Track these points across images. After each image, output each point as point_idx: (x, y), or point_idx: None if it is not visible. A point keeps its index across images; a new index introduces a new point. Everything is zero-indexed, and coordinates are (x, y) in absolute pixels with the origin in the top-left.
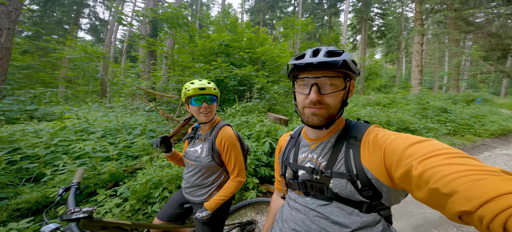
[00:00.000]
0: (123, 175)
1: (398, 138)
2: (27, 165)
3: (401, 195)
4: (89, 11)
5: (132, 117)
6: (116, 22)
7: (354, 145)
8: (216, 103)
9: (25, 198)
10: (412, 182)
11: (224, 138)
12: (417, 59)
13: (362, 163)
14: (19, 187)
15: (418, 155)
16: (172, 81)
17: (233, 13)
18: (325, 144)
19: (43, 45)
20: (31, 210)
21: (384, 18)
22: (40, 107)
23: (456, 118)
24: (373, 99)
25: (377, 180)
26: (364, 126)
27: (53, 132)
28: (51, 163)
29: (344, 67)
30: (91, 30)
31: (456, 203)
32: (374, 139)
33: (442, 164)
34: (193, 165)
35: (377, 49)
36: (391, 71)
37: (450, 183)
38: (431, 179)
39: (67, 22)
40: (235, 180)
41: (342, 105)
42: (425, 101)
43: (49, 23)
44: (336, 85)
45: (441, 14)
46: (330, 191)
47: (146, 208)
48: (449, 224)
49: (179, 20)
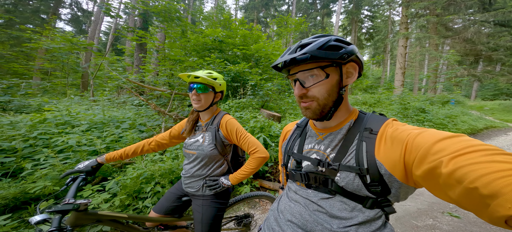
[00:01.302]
0: (111, 169)
1: (425, 132)
2: (2, 159)
3: (410, 192)
4: (71, 1)
5: (120, 111)
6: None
7: (369, 138)
8: (214, 94)
9: (2, 194)
10: (441, 180)
11: (228, 123)
12: (400, 61)
13: (375, 157)
14: None
15: (450, 150)
16: (163, 75)
17: (227, 9)
18: (335, 135)
19: (16, 34)
20: (8, 207)
21: (373, 20)
22: (15, 99)
23: (433, 117)
24: (360, 99)
25: (390, 175)
26: (380, 118)
27: (31, 124)
28: (31, 157)
29: (314, 59)
30: (72, 20)
31: (502, 207)
32: (393, 133)
33: (480, 162)
34: (195, 154)
35: (365, 51)
36: (377, 72)
37: (491, 183)
38: (466, 178)
39: (45, 11)
40: (254, 157)
41: (338, 93)
42: (406, 102)
43: (24, 12)
44: (317, 75)
45: (424, 19)
46: (335, 184)
47: (137, 203)
48: (426, 215)
49: (172, 14)
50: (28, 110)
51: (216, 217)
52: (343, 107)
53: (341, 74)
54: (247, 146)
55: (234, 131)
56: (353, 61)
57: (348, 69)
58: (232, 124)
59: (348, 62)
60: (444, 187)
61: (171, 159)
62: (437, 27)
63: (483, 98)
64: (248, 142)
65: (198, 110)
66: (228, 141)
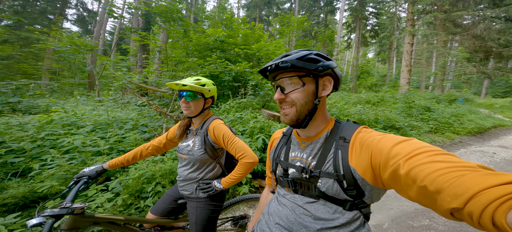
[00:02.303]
0: (115, 169)
1: (384, 138)
2: (12, 159)
3: (381, 193)
4: (77, 2)
5: (123, 111)
6: (107, 14)
7: (342, 146)
8: (203, 100)
9: (12, 193)
10: (401, 181)
11: (215, 128)
12: (406, 59)
13: (349, 163)
14: (5, 182)
15: (403, 154)
16: (166, 76)
17: (229, 8)
18: (315, 144)
19: (25, 35)
20: (18, 205)
21: (378, 17)
22: (24, 100)
23: (438, 116)
24: (364, 97)
25: (362, 180)
26: (352, 126)
27: (39, 125)
28: (38, 158)
29: (294, 68)
30: (78, 21)
31: (444, 201)
32: (361, 140)
33: (425, 162)
34: (186, 158)
35: (370, 48)
36: (382, 70)
37: (435, 180)
38: (417, 177)
39: (52, 12)
40: (242, 163)
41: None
42: (411, 100)
43: (32, 13)
44: (295, 83)
45: (431, 15)
46: (318, 190)
47: (139, 203)
48: (422, 216)
49: (173, 14)
50: (37, 111)
51: (210, 219)
52: (320, 117)
53: (317, 86)
54: (234, 151)
55: (221, 136)
56: (329, 75)
57: (324, 82)
58: (219, 129)
59: (324, 76)
60: (404, 187)
61: (172, 160)
62: (445, 24)
63: (494, 95)
64: (236, 147)
65: (189, 117)
66: (217, 145)
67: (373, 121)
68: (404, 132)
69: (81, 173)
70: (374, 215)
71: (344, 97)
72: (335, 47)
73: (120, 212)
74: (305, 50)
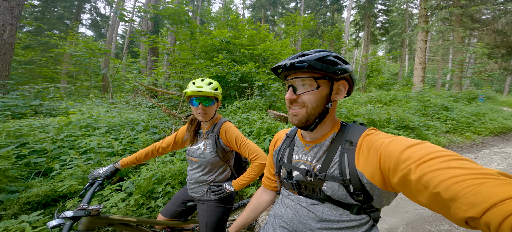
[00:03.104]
0: (128, 170)
1: (394, 141)
2: (35, 159)
3: (392, 197)
4: (90, 7)
5: (135, 113)
6: (118, 18)
7: (349, 149)
8: (216, 104)
9: (35, 192)
10: (412, 186)
11: (227, 131)
12: (420, 56)
13: (356, 167)
14: (29, 181)
15: (414, 158)
16: (174, 78)
17: (234, 9)
18: (320, 147)
19: (45, 40)
20: (41, 203)
21: (387, 14)
22: (45, 103)
23: (456, 115)
24: (374, 96)
25: (371, 184)
26: (359, 129)
27: (59, 127)
28: (58, 158)
29: (310, 69)
30: (92, 25)
31: (460, 209)
32: (369, 143)
33: (439, 168)
34: (197, 161)
35: (380, 46)
36: (393, 68)
37: (450, 187)
38: (430, 184)
39: (68, 17)
40: (255, 164)
41: (325, 106)
42: (426, 99)
43: (51, 19)
44: (309, 85)
45: (446, 11)
46: (323, 193)
47: (150, 203)
48: (441, 220)
49: (181, 17)
50: (56, 113)
51: (220, 221)
52: (328, 121)
53: (331, 89)
54: (247, 153)
55: (233, 138)
56: (345, 79)
57: (339, 86)
58: (231, 132)
59: (340, 79)
60: (415, 193)
61: (181, 161)
62: (462, 19)
63: None
64: (249, 149)
65: (202, 121)
66: (229, 148)
67: (385, 121)
68: (419, 132)
69: (96, 174)
70: (388, 218)
71: (353, 96)
72: (343, 45)
73: (133, 212)
74: (324, 51)
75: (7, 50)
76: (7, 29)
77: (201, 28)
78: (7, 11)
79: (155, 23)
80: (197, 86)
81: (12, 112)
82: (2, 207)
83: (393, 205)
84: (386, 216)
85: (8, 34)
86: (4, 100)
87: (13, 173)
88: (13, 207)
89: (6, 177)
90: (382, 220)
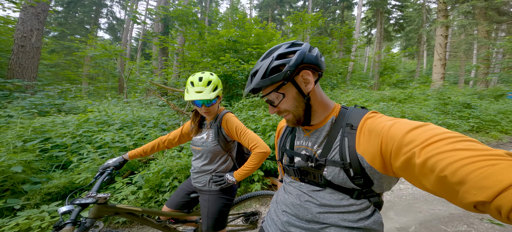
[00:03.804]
0: (138, 164)
1: (397, 124)
2: (56, 153)
3: (393, 182)
4: (107, 11)
5: (146, 111)
6: (131, 20)
7: (349, 133)
8: (218, 100)
9: (55, 183)
10: (416, 170)
11: (228, 121)
12: (439, 52)
13: (357, 151)
14: (50, 173)
15: (419, 140)
16: (183, 77)
17: (241, 9)
18: (320, 132)
19: (68, 44)
20: (60, 194)
21: (402, 10)
22: (67, 102)
23: (480, 113)
24: (388, 94)
25: (371, 168)
26: (360, 112)
27: (78, 123)
28: (77, 152)
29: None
30: (109, 29)
31: (469, 193)
32: (370, 126)
33: (445, 150)
34: (200, 150)
35: (395, 43)
36: (410, 65)
37: (458, 171)
38: (436, 167)
39: (88, 22)
40: (255, 153)
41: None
42: (447, 96)
43: (72, 24)
44: (277, 97)
45: (468, 4)
46: (324, 178)
47: (158, 196)
48: (458, 220)
49: (189, 18)
50: (76, 111)
51: (221, 212)
52: (319, 108)
53: (298, 86)
54: (247, 142)
55: (234, 128)
56: (303, 69)
57: (303, 77)
58: (232, 122)
59: (298, 73)
60: (419, 177)
61: (187, 156)
62: (487, 12)
63: None
64: (248, 138)
65: (208, 117)
66: (230, 137)
67: None
68: None
69: (105, 164)
70: (399, 217)
71: (364, 94)
72: (353, 43)
73: (142, 205)
74: (267, 55)
75: (34, 53)
76: (34, 34)
77: (209, 28)
78: (34, 17)
79: (165, 24)
80: (196, 91)
81: (39, 111)
82: (26, 197)
83: (405, 204)
84: (397, 215)
85: (35, 38)
86: (32, 99)
87: (37, 165)
88: (35, 197)
89: (31, 169)
90: (392, 219)
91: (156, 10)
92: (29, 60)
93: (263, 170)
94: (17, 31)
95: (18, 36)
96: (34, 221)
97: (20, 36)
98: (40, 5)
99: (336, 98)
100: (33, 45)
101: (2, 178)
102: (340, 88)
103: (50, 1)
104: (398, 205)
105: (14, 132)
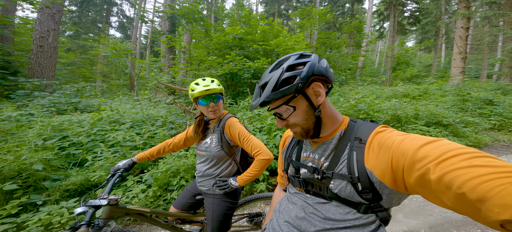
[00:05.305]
0: (148, 163)
1: (407, 139)
2: (73, 151)
3: (403, 197)
4: (117, 9)
5: (155, 109)
6: (139, 19)
7: (358, 147)
8: (222, 99)
9: (72, 181)
10: (432, 187)
11: (231, 126)
12: (460, 45)
13: (365, 165)
14: (68, 171)
15: (433, 156)
16: (190, 75)
17: (247, 4)
18: (327, 145)
19: (82, 43)
20: (77, 191)
21: (418, 2)
22: (82, 100)
23: (503, 111)
24: (401, 90)
25: (380, 183)
26: (369, 126)
27: (92, 122)
28: (92, 150)
29: (268, 103)
30: (119, 27)
31: (492, 212)
32: (380, 140)
33: (461, 166)
34: (204, 155)
35: (409, 36)
36: (426, 59)
37: (476, 188)
38: (453, 184)
39: (100, 20)
40: (258, 160)
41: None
42: (466, 92)
43: (86, 23)
44: (286, 110)
45: None
46: (330, 191)
47: (166, 195)
48: (472, 225)
49: (195, 15)
50: (91, 110)
51: (225, 215)
52: (328, 122)
53: (309, 98)
54: (250, 148)
55: (237, 134)
56: (314, 81)
57: (314, 89)
58: (235, 127)
59: (311, 84)
60: (437, 193)
61: (194, 156)
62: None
63: None
64: (251, 145)
65: (213, 118)
66: (233, 143)
67: (412, 117)
68: (454, 129)
69: (116, 167)
70: (408, 220)
71: (375, 91)
72: (364, 37)
73: (151, 203)
74: (277, 67)
75: (52, 53)
76: (51, 34)
77: (215, 25)
78: (50, 18)
79: (172, 22)
80: (204, 86)
81: (57, 109)
82: (47, 193)
83: (415, 207)
84: (406, 218)
85: (52, 38)
86: (50, 98)
87: (56, 163)
88: (55, 194)
89: (50, 166)
90: (401, 221)
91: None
92: (47, 59)
93: (268, 170)
94: (35, 32)
95: (37, 37)
96: (54, 216)
97: (38, 37)
98: (54, 6)
99: (343, 95)
100: (50, 45)
101: (25, 175)
102: (349, 84)
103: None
104: (407, 207)
105: (35, 130)
